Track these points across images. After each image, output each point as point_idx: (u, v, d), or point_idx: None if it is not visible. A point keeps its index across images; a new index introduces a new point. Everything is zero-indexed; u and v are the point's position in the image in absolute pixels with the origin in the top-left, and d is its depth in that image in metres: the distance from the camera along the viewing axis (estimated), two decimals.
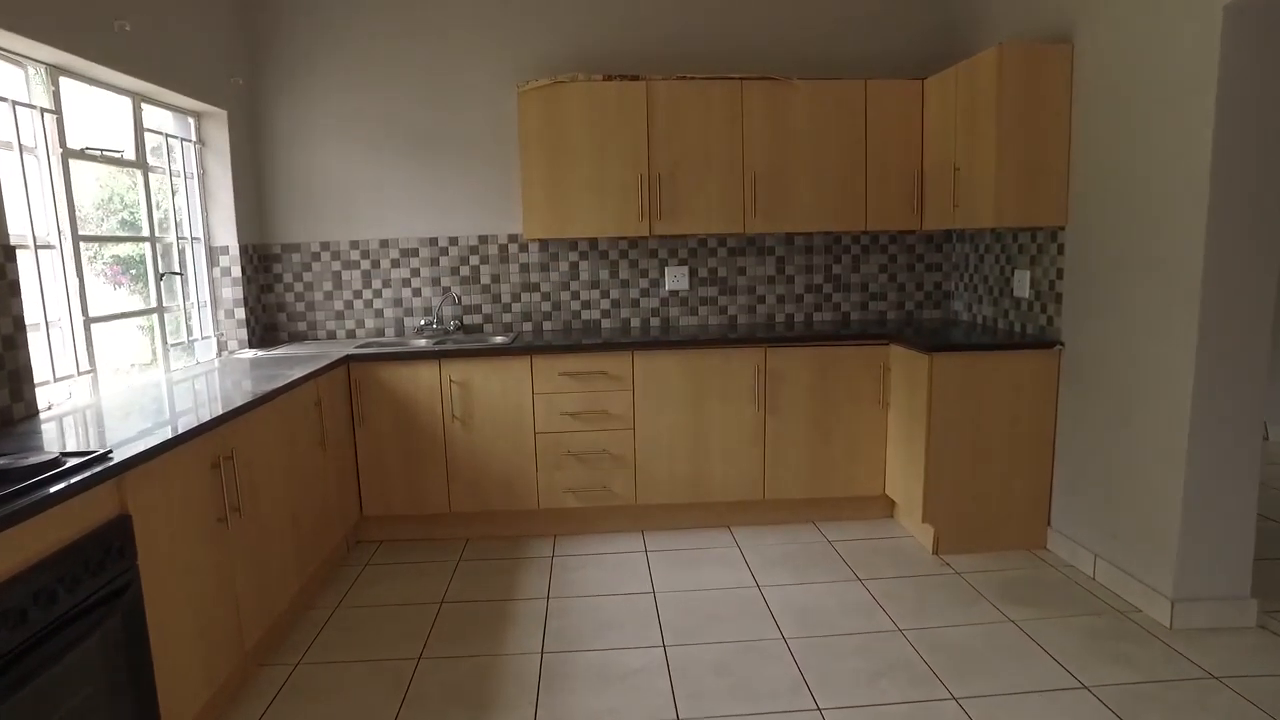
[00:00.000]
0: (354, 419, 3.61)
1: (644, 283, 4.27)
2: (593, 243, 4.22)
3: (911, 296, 4.39)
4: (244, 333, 3.92)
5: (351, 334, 4.22)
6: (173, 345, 3.44)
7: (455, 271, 4.20)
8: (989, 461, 3.41)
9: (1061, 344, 3.34)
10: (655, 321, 4.30)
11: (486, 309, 4.24)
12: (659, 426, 3.71)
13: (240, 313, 3.90)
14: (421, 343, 4.02)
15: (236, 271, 3.87)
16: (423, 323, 4.18)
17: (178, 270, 3.54)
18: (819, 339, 3.73)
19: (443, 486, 3.69)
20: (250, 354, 3.75)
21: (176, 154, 3.58)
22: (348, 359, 3.57)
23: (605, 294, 4.26)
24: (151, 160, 3.37)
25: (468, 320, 4.24)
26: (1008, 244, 3.77)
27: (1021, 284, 3.64)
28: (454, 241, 4.18)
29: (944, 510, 3.43)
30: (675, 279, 4.26)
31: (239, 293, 3.88)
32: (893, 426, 3.73)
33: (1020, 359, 3.37)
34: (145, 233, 3.31)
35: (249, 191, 3.99)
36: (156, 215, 3.39)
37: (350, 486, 3.58)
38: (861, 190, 3.93)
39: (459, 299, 4.20)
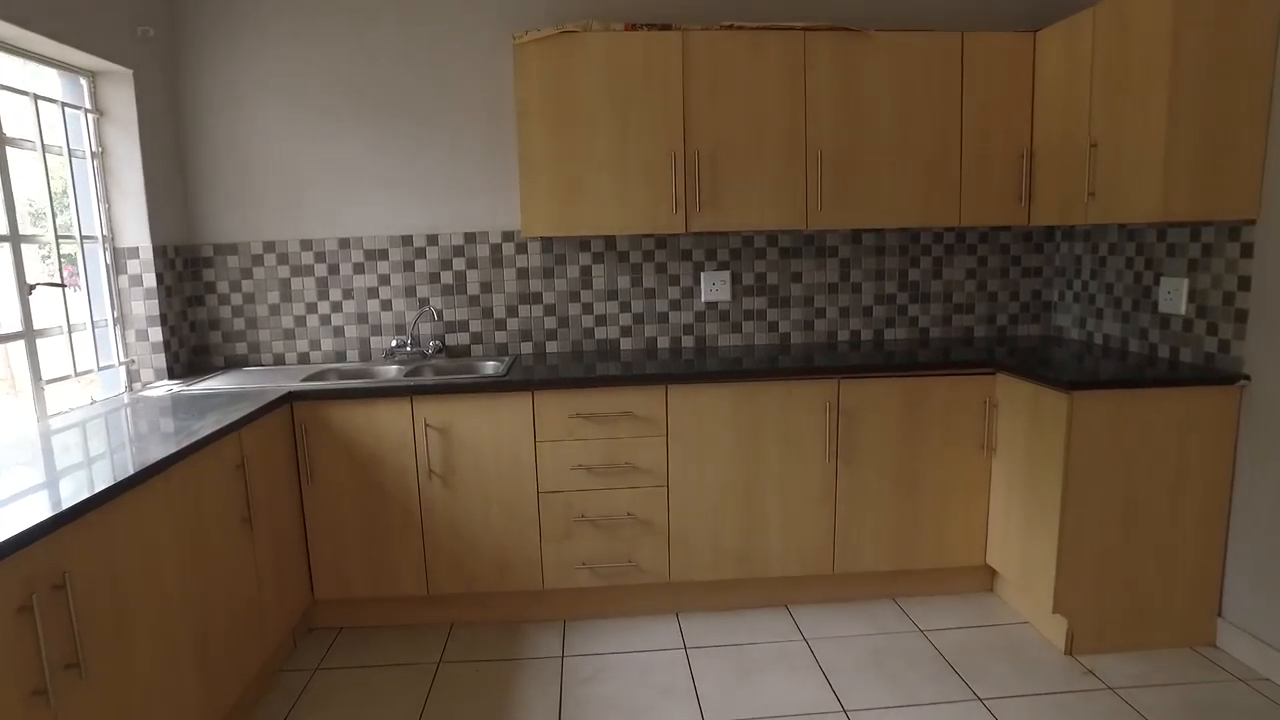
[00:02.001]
0: (300, 476, 2.74)
1: (674, 292, 3.40)
2: (610, 242, 3.34)
3: (1005, 308, 3.53)
4: (162, 359, 3.04)
5: (305, 358, 3.34)
6: (49, 382, 2.56)
7: (435, 279, 3.32)
8: (1141, 532, 2.57)
9: (1246, 377, 2.50)
10: (689, 341, 3.43)
11: (475, 326, 3.36)
12: (700, 482, 2.85)
13: (157, 333, 3.02)
14: (391, 370, 3.15)
15: (150, 280, 2.98)
16: (394, 344, 3.30)
17: (58, 281, 2.65)
18: (907, 368, 2.87)
19: (418, 563, 2.82)
20: (167, 388, 2.87)
21: (61, 126, 2.70)
22: (290, 397, 2.69)
23: (625, 307, 3.39)
24: (20, 134, 2.50)
25: (451, 340, 3.36)
26: (1148, 243, 2.92)
27: (1174, 296, 2.78)
28: (433, 240, 3.30)
29: (1082, 596, 2.58)
30: (714, 287, 3.38)
31: (154, 307, 3.00)
32: (999, 480, 2.88)
33: (1188, 397, 2.52)
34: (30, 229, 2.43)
35: (166, 177, 3.10)
36: (25, 205, 2.52)
37: (296, 565, 2.71)
38: (955, 174, 3.07)
39: (439, 314, 3.33)
